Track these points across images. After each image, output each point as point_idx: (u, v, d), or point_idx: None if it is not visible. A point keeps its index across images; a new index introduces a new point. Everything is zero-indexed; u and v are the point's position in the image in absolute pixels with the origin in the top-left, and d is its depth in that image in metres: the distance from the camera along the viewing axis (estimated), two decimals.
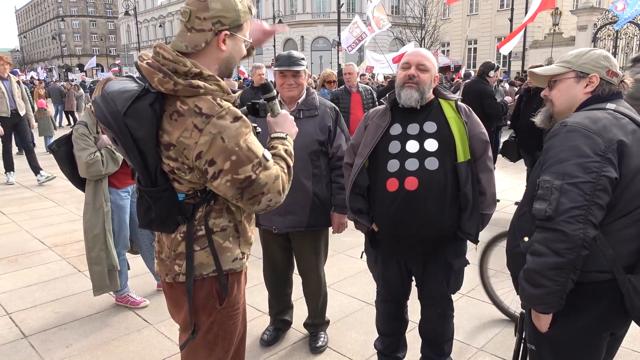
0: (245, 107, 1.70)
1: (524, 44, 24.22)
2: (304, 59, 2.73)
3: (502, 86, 8.74)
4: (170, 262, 1.63)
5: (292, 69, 2.66)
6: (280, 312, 3.13)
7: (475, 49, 35.72)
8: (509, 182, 7.28)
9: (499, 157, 6.59)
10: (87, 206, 3.28)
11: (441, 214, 2.21)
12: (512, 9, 23.07)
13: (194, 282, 1.59)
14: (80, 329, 3.29)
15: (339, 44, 22.86)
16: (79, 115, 15.80)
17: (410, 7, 32.91)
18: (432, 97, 2.33)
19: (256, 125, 1.66)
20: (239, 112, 1.51)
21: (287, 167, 1.61)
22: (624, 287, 1.53)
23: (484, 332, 3.22)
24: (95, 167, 3.14)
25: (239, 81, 15.47)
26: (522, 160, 6.06)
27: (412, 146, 2.22)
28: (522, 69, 23.46)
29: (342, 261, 4.48)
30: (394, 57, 14.66)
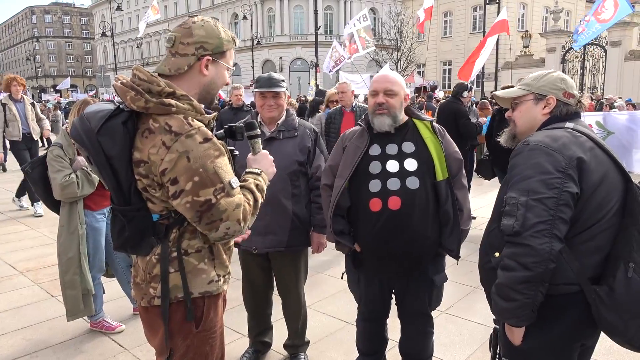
0: (222, 131, 1.73)
1: (496, 65, 24.96)
2: (284, 81, 2.78)
3: (476, 107, 8.95)
4: (145, 285, 1.62)
5: (273, 90, 2.70)
6: (260, 333, 3.10)
7: (450, 69, 36.64)
8: (485, 200, 7.41)
9: (474, 175, 6.72)
10: (61, 229, 3.22)
11: (424, 231, 2.26)
12: (483, 32, 23.81)
13: (169, 305, 1.58)
14: (53, 356, 3.19)
15: (316, 65, 23.13)
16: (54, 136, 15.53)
17: (386, 29, 33.65)
18: (406, 117, 2.39)
19: (233, 148, 1.68)
20: (210, 133, 1.52)
21: (254, 200, 1.59)
22: (590, 298, 1.59)
23: (463, 348, 3.24)
24: (70, 189, 3.10)
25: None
26: (497, 178, 6.20)
27: (392, 166, 2.27)
28: (495, 89, 24.12)
29: (322, 281, 4.47)
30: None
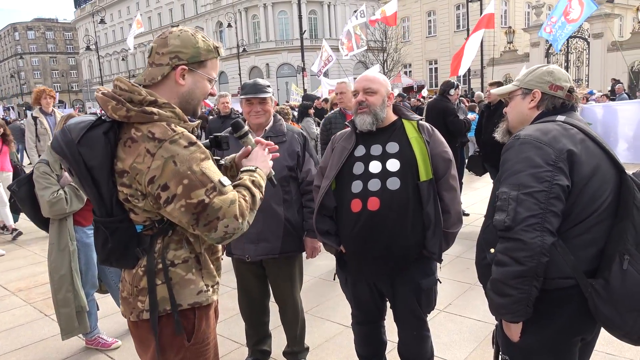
0: (207, 141, 1.71)
1: (482, 62, 25.16)
2: (269, 86, 2.77)
3: (463, 104, 8.99)
4: (133, 299, 1.58)
5: (259, 96, 2.68)
6: (258, 342, 3.07)
7: (436, 68, 36.87)
8: (477, 196, 7.44)
9: (466, 172, 6.75)
10: (51, 246, 3.17)
11: (403, 232, 2.23)
12: (467, 29, 24.02)
13: (159, 319, 1.54)
14: None
15: (303, 69, 23.18)
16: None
17: (371, 31, 33.82)
18: (395, 117, 2.38)
19: (219, 158, 1.66)
20: (193, 137, 1.51)
21: (251, 195, 1.56)
22: (586, 291, 1.58)
23: (463, 346, 3.23)
24: (58, 206, 3.05)
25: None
26: (488, 173, 6.23)
27: (374, 167, 2.26)
28: (482, 86, 24.31)
29: (319, 286, 4.44)
30: None
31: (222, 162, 1.65)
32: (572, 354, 1.72)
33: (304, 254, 2.91)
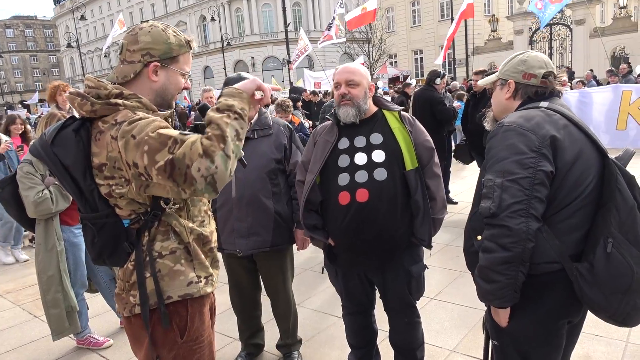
0: (188, 130, 1.69)
1: (466, 51, 25.24)
2: None
3: (449, 93, 9.03)
4: (125, 294, 1.58)
5: None
6: (251, 336, 3.07)
7: (421, 58, 36.90)
8: (465, 185, 7.49)
9: (454, 160, 6.79)
10: (38, 247, 3.13)
11: (393, 222, 2.25)
12: (452, 19, 24.05)
13: (151, 313, 1.53)
14: None
15: (289, 62, 23.06)
16: None
17: None
18: (375, 109, 2.39)
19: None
20: (153, 117, 1.46)
21: (218, 126, 1.35)
22: (572, 275, 1.60)
23: (454, 333, 3.27)
24: (44, 206, 3.01)
25: (180, 107, 15.19)
26: (475, 162, 6.27)
27: (360, 158, 2.27)
28: (467, 75, 24.43)
29: (310, 278, 4.46)
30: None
31: None
32: (560, 337, 1.74)
33: (294, 246, 2.92)
